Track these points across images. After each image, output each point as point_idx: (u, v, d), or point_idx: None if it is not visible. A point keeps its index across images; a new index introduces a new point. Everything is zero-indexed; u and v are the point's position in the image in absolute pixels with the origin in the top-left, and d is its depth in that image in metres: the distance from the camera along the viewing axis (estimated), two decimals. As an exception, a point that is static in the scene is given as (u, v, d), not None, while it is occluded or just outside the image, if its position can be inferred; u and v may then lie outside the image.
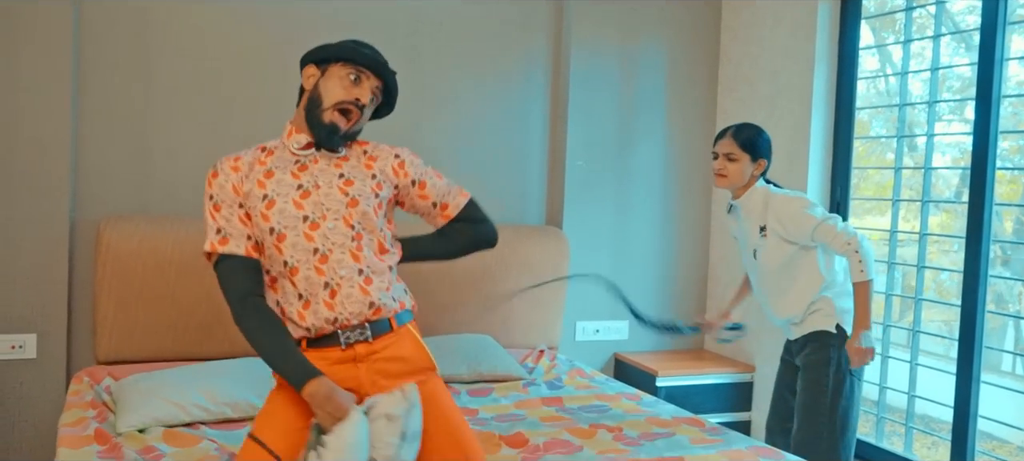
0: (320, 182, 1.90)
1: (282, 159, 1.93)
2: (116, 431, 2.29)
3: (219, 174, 1.92)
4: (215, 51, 3.16)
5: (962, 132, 4.81)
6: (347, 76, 1.90)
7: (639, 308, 3.02)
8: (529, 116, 3.66)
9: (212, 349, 3.06)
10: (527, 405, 2.69)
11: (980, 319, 2.82)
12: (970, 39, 4.77)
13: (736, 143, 2.71)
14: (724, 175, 2.73)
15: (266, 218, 1.86)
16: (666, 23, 3.79)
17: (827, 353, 2.65)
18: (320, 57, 1.93)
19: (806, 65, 3.38)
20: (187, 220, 3.03)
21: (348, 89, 1.89)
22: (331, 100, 1.89)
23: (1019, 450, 4.78)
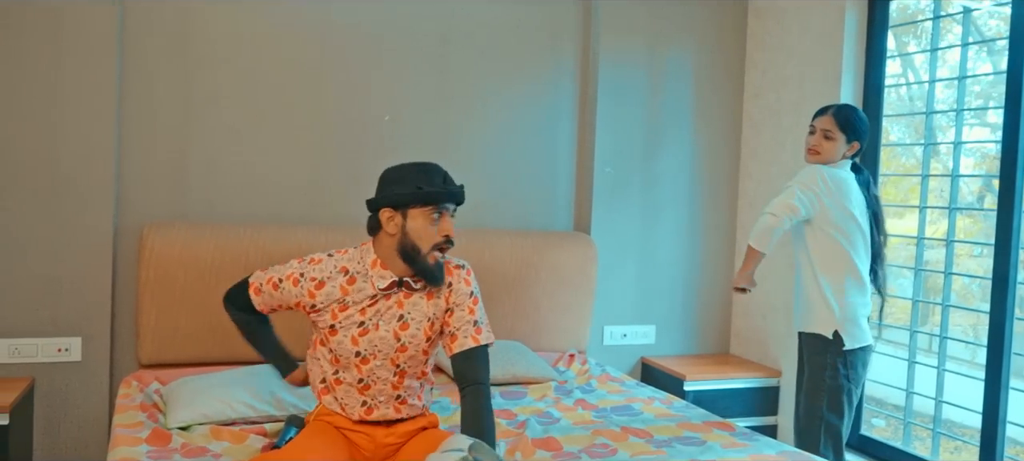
0: (380, 323, 2.08)
1: (359, 293, 2.07)
2: (167, 427, 2.37)
3: (298, 286, 2.11)
4: (253, 60, 3.23)
5: (986, 139, 4.82)
6: (430, 216, 2.01)
7: None
8: (557, 123, 3.71)
9: (251, 353, 3.05)
10: (561, 407, 2.74)
11: (1009, 325, 2.85)
12: (993, 46, 4.78)
13: (836, 122, 2.75)
14: (818, 151, 2.76)
15: (327, 341, 2.12)
16: (692, 30, 3.83)
17: (824, 358, 2.72)
18: (396, 202, 2.01)
19: (833, 72, 3.41)
20: (227, 226, 3.10)
21: (438, 228, 2.03)
22: (428, 245, 2.01)
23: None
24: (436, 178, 2.02)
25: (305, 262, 2.13)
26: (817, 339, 2.72)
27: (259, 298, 2.20)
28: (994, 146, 4.67)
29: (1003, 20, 5.03)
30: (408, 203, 2.00)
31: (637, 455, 2.25)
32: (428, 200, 1.99)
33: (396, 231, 2.02)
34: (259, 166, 3.26)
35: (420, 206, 2.00)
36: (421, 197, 1.99)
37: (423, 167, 2.05)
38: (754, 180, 3.87)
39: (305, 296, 2.09)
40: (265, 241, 3.09)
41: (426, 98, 3.48)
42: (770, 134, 3.76)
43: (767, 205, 2.72)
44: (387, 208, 2.02)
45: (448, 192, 2.01)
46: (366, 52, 3.37)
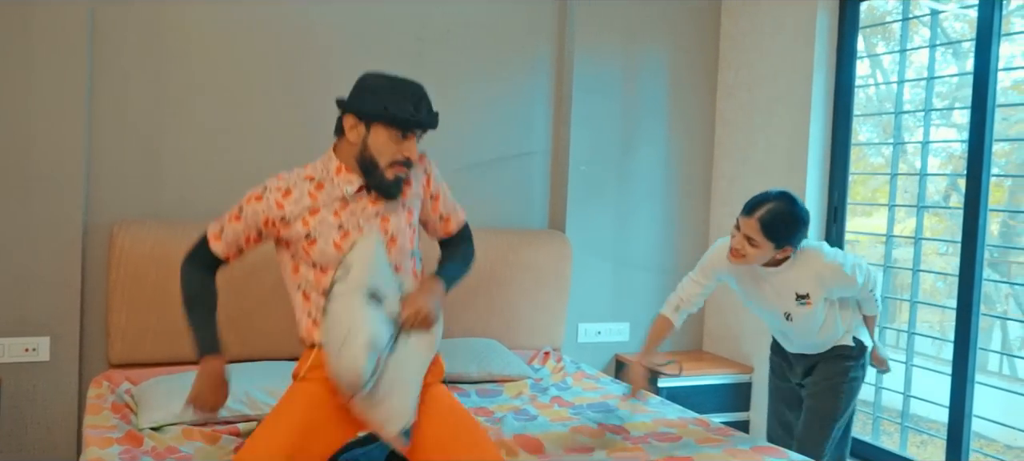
0: (361, 223, 2.00)
1: (329, 196, 2.01)
2: (138, 428, 2.34)
3: (263, 199, 2.02)
4: (227, 57, 3.20)
5: (952, 139, 4.92)
6: (395, 136, 1.95)
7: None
8: (533, 121, 3.72)
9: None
10: (537, 405, 2.75)
11: (975, 321, 2.91)
12: (958, 48, 4.88)
13: (761, 230, 2.44)
14: (742, 255, 2.48)
15: (308, 253, 2.00)
16: (667, 29, 3.86)
17: (846, 364, 2.68)
18: (362, 113, 1.95)
19: (805, 72, 3.46)
20: (200, 224, 3.04)
21: (398, 147, 1.96)
22: (385, 160, 1.96)
23: (1007, 448, 4.89)
24: (408, 103, 1.95)
25: (267, 181, 2.06)
26: (841, 350, 2.68)
27: (220, 243, 2.08)
28: (959, 146, 4.77)
29: (966, 22, 5.14)
30: (373, 118, 1.95)
31: (615, 453, 2.27)
32: (394, 123, 1.94)
33: (357, 141, 1.97)
34: (233, 163, 3.23)
35: (385, 125, 1.94)
36: (387, 118, 1.93)
37: (400, 85, 1.98)
38: (727, 178, 3.91)
39: (272, 208, 2.00)
40: (238, 239, 3.06)
41: (401, 95, 3.46)
42: (743, 133, 3.81)
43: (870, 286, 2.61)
44: (352, 116, 1.97)
45: (417, 121, 1.95)
46: (342, 49, 3.35)
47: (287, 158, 3.27)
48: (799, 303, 2.56)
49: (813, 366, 2.74)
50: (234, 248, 2.10)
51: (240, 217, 2.05)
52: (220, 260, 2.13)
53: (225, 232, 2.08)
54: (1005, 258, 5.12)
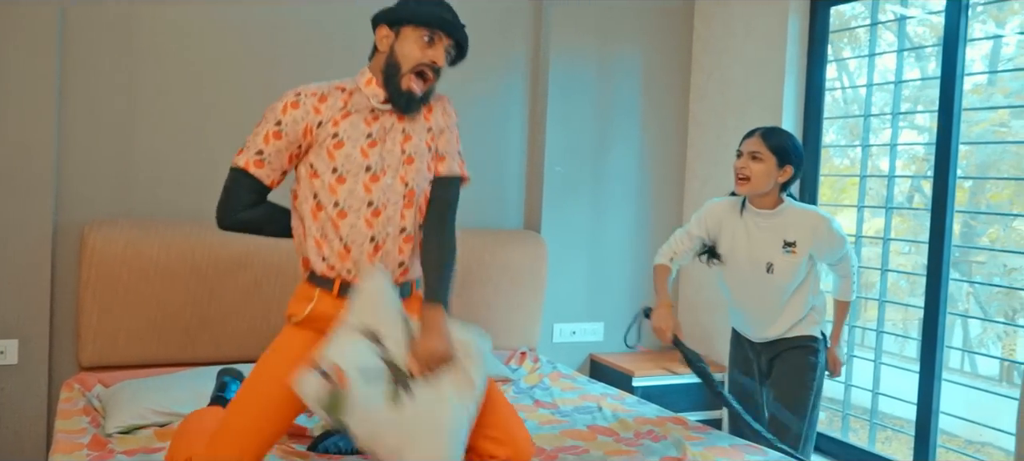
0: (386, 137, 1.97)
1: (359, 104, 1.98)
2: (105, 433, 2.30)
3: (300, 106, 1.93)
4: (201, 55, 3.16)
5: (918, 141, 5.03)
6: (421, 38, 1.94)
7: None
8: (508, 121, 3.73)
9: (197, 353, 3.07)
10: (522, 408, 2.76)
11: (942, 320, 2.98)
12: (920, 52, 5.00)
13: (765, 143, 2.57)
14: (747, 177, 2.58)
15: (331, 156, 1.92)
16: (640, 31, 3.90)
17: (813, 357, 2.70)
18: (392, 18, 1.96)
19: (776, 75, 3.51)
20: (174, 223, 3.03)
21: (424, 51, 1.94)
22: (408, 64, 1.94)
23: (968, 443, 5.03)
24: (434, 5, 1.97)
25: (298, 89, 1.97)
26: (805, 340, 2.70)
27: (265, 168, 1.93)
28: (922, 148, 4.89)
29: (928, 26, 5.27)
30: (401, 22, 1.95)
31: (611, 454, 2.29)
32: (419, 21, 1.93)
33: (385, 49, 1.98)
34: (207, 163, 3.19)
35: (412, 26, 1.94)
36: (412, 15, 1.93)
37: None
38: (700, 179, 3.96)
39: (310, 113, 1.92)
40: (212, 240, 3.03)
41: (377, 95, 3.45)
42: (715, 135, 3.85)
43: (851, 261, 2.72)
44: (384, 25, 1.99)
45: (442, 19, 1.94)
46: (318, 48, 3.33)
47: None
48: (785, 251, 2.61)
49: (779, 355, 2.74)
50: (279, 171, 1.97)
51: (280, 133, 1.92)
52: (266, 191, 1.98)
53: (267, 155, 1.93)
54: (966, 258, 5.26)
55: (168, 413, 2.37)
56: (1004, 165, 5.06)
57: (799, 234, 2.60)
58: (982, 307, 5.73)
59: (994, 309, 5.46)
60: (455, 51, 2.03)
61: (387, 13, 1.98)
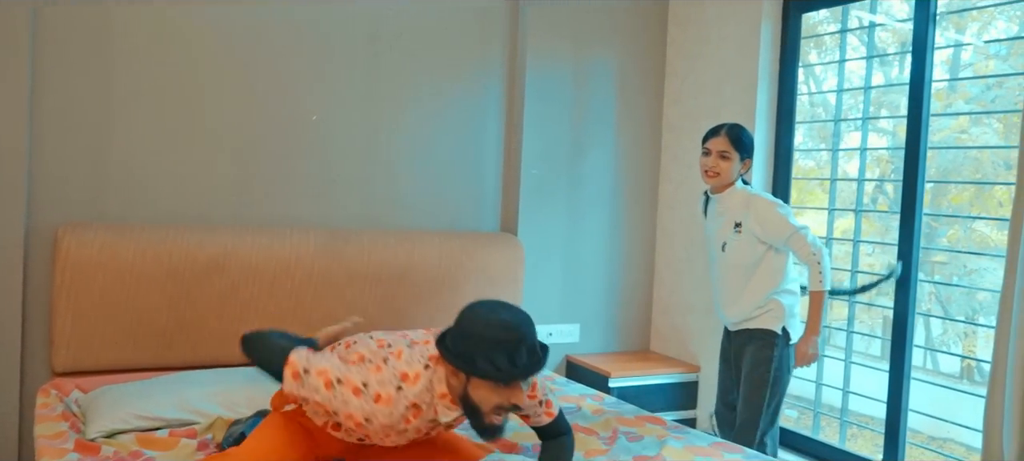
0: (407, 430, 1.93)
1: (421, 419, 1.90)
2: (87, 438, 2.27)
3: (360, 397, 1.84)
4: (176, 57, 3.12)
5: (884, 146, 5.15)
6: (495, 388, 1.81)
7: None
8: (485, 124, 3.74)
9: (173, 358, 3.04)
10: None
11: (911, 320, 3.06)
12: (884, 58, 5.12)
13: (730, 141, 2.81)
14: (717, 173, 2.82)
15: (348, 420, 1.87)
16: (615, 36, 3.94)
17: (770, 352, 2.83)
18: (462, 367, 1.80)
19: (750, 81, 3.57)
20: (149, 227, 2.99)
21: (501, 397, 1.81)
22: (489, 407, 1.82)
23: (931, 439, 5.15)
24: (504, 355, 1.77)
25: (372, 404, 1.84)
26: (766, 334, 2.82)
27: (297, 383, 1.86)
28: (887, 151, 4.99)
29: (891, 32, 5.38)
30: (471, 374, 1.80)
31: (591, 454, 2.31)
32: (490, 378, 1.78)
33: (459, 385, 1.84)
34: (182, 165, 3.17)
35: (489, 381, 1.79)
36: (483, 371, 1.77)
37: (503, 332, 1.78)
38: (673, 183, 4.01)
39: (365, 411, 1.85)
40: (189, 243, 3.00)
41: (355, 97, 3.45)
42: (689, 138, 3.91)
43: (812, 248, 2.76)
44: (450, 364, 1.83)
45: (512, 375, 1.78)
46: (294, 50, 3.31)
47: (237, 159, 3.24)
48: (735, 231, 2.85)
49: (744, 347, 2.90)
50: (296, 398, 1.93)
51: (331, 388, 1.83)
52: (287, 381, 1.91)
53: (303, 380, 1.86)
54: (928, 258, 5.38)
55: (151, 418, 2.35)
56: (965, 170, 5.19)
57: (743, 215, 2.82)
58: (943, 306, 5.87)
59: (954, 309, 5.59)
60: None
61: (451, 356, 1.81)
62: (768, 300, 2.85)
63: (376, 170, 3.52)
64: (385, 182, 3.53)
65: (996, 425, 2.59)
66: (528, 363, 1.80)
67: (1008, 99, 5.00)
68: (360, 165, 3.49)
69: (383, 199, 3.53)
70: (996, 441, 2.59)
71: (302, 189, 3.38)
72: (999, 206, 5.19)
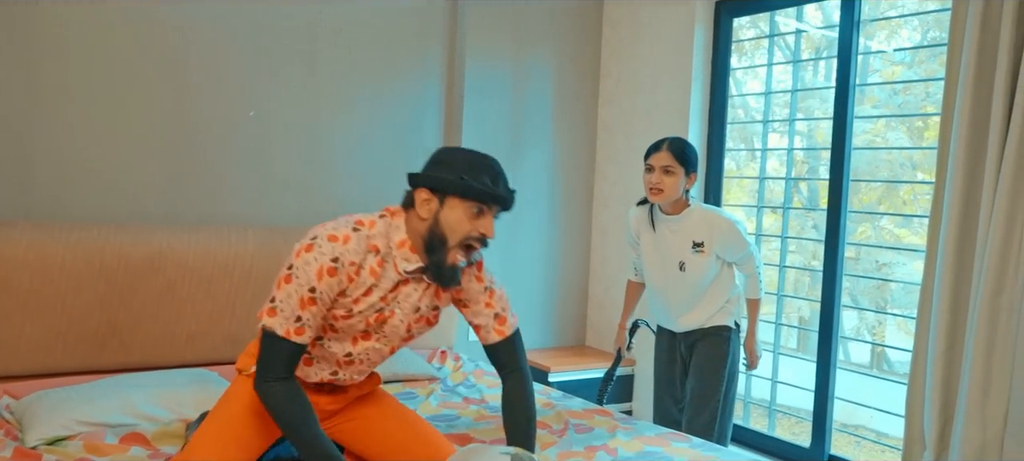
0: (396, 309, 1.91)
1: (387, 277, 1.86)
2: (27, 446, 2.17)
3: (337, 275, 1.80)
4: (107, 51, 3.01)
5: (798, 146, 5.37)
6: (470, 209, 1.80)
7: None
8: (424, 122, 3.74)
9: (106, 362, 2.93)
10: (454, 406, 2.79)
11: (837, 313, 3.22)
12: (800, 63, 5.34)
13: (673, 155, 2.73)
14: (661, 189, 2.73)
15: (336, 319, 1.87)
16: (552, 36, 3.99)
17: (726, 346, 2.87)
18: (438, 186, 1.79)
19: (684, 83, 3.68)
20: (79, 226, 2.87)
21: (474, 222, 1.81)
22: (457, 238, 1.81)
23: (843, 425, 5.41)
24: (486, 175, 1.80)
25: (329, 244, 1.79)
26: (721, 330, 2.87)
27: (304, 335, 1.81)
28: (802, 152, 5.22)
29: (805, 37, 5.63)
30: (449, 191, 1.79)
31: (547, 446, 2.35)
32: (470, 195, 1.78)
33: (429, 216, 1.82)
34: (114, 162, 3.05)
35: (461, 198, 1.79)
36: (463, 189, 1.77)
37: (478, 158, 1.83)
38: (609, 181, 4.10)
39: (345, 282, 1.81)
40: (123, 241, 2.89)
41: (293, 94, 3.40)
42: (624, 138, 4.00)
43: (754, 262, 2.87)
44: (426, 189, 1.81)
45: (494, 194, 1.79)
46: (231, 45, 3.24)
47: (171, 155, 3.14)
48: (694, 251, 2.80)
49: (696, 344, 2.91)
50: (315, 333, 1.87)
51: (315, 300, 1.79)
52: (303, 353, 1.87)
53: (306, 321, 1.81)
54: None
55: (94, 424, 2.26)
56: (880, 171, 5.47)
57: (706, 234, 2.80)
58: (853, 298, 6.19)
59: (866, 301, 5.89)
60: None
61: (432, 179, 1.80)
62: (724, 303, 2.89)
63: (315, 167, 3.47)
64: (324, 179, 3.49)
65: (917, 409, 2.76)
66: (506, 189, 1.83)
67: (914, 104, 5.31)
68: (299, 162, 3.43)
69: (322, 197, 3.48)
70: (917, 424, 2.76)
71: (240, 186, 3.31)
72: (904, 204, 5.50)
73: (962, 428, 2.52)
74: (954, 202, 2.62)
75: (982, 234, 2.55)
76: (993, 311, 2.49)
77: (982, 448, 2.50)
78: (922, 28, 5.53)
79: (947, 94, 2.68)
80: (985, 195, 2.54)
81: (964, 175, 2.60)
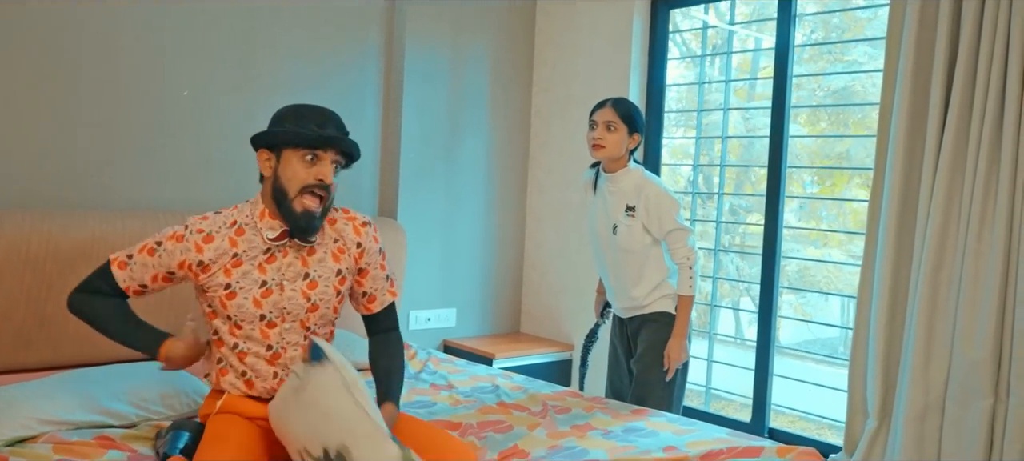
0: (284, 282, 1.95)
1: (252, 245, 1.93)
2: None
3: (183, 240, 1.93)
4: (28, 24, 2.76)
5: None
6: (303, 158, 1.87)
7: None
8: (362, 108, 3.64)
9: (31, 359, 2.70)
10: (423, 393, 2.73)
11: (775, 295, 3.37)
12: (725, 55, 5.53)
13: (617, 113, 2.75)
14: (602, 145, 2.75)
15: (224, 306, 1.93)
16: (487, 23, 3.97)
17: (668, 332, 2.84)
18: (271, 142, 1.89)
19: (622, 72, 3.75)
20: (2, 212, 2.62)
21: (308, 171, 1.87)
22: (295, 188, 1.87)
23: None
24: (314, 122, 1.88)
25: (188, 221, 1.97)
26: (662, 316, 2.84)
27: (124, 272, 1.96)
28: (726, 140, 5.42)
29: (715, 31, 5.85)
30: (280, 144, 1.87)
31: (533, 428, 2.34)
32: (300, 143, 1.85)
33: (270, 173, 1.92)
34: (39, 143, 2.81)
35: (292, 148, 1.87)
36: (293, 138, 1.85)
37: (306, 108, 1.92)
38: (544, 169, 4.12)
39: (191, 251, 1.91)
40: (52, 229, 2.66)
41: (228, 74, 3.23)
42: (559, 126, 4.03)
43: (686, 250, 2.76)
44: (264, 149, 1.92)
45: (322, 137, 1.85)
46: (166, 24, 3.04)
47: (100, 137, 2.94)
48: (627, 214, 2.80)
49: (639, 330, 2.90)
50: (137, 282, 1.98)
51: (155, 252, 1.94)
52: (119, 291, 1.99)
53: (132, 262, 1.97)
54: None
55: (57, 422, 2.06)
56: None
57: (636, 199, 2.80)
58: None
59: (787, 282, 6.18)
60: (344, 159, 1.96)
61: (264, 136, 1.90)
62: (662, 283, 2.86)
63: (251, 149, 3.30)
64: (263, 164, 3.33)
65: (859, 380, 2.93)
66: (337, 131, 1.90)
67: (808, 98, 5.60)
68: (235, 145, 3.25)
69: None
70: (859, 394, 2.93)
71: (173, 170, 3.12)
72: (803, 190, 5.80)
73: (907, 392, 2.70)
74: (894, 188, 2.79)
75: (921, 217, 2.74)
76: (934, 286, 2.68)
77: (924, 410, 2.68)
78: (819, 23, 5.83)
79: (886, 83, 2.86)
80: (924, 185, 2.73)
81: (903, 161, 2.78)
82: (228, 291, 1.92)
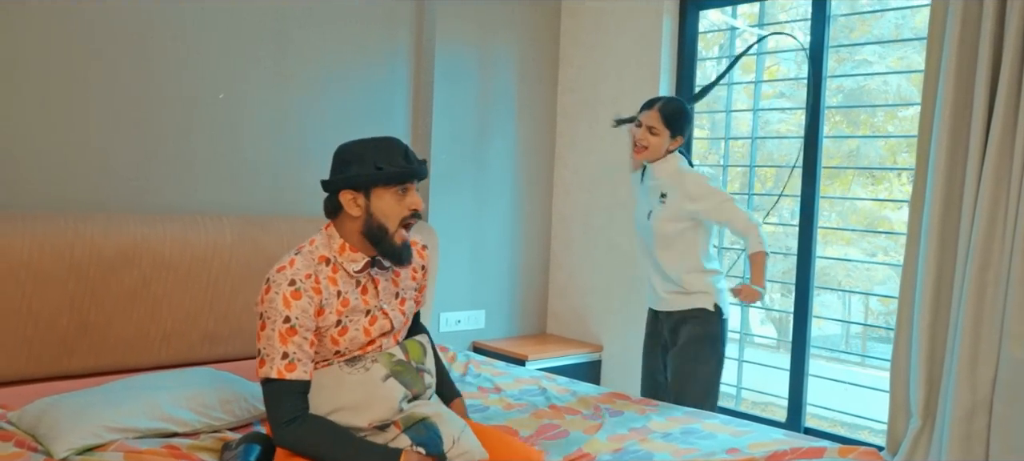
0: (384, 307, 2.01)
1: (345, 279, 1.95)
2: (58, 457, 1.94)
3: (302, 296, 1.85)
4: (68, 26, 2.73)
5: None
6: (395, 192, 1.90)
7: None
8: (392, 109, 3.62)
9: (74, 365, 2.67)
10: (473, 397, 2.72)
11: (810, 296, 3.37)
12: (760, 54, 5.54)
13: (661, 117, 2.85)
14: (645, 147, 2.87)
15: (336, 342, 1.93)
16: (514, 23, 3.96)
17: (706, 329, 2.89)
18: (358, 184, 1.89)
19: (652, 73, 3.74)
20: (44, 216, 2.59)
21: (401, 203, 1.91)
22: (395, 223, 1.91)
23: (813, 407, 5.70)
24: (396, 155, 1.91)
25: (280, 274, 1.86)
26: (702, 313, 2.89)
27: (296, 370, 1.83)
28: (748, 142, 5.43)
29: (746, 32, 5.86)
30: (371, 184, 1.88)
31: (589, 431, 2.33)
32: (392, 180, 1.88)
33: (360, 213, 1.91)
34: (78, 147, 2.78)
35: (384, 186, 1.89)
36: (383, 177, 1.87)
37: (384, 143, 1.93)
38: (570, 169, 4.11)
39: (313, 296, 1.87)
40: (93, 232, 2.63)
41: (263, 76, 3.20)
42: (586, 126, 4.02)
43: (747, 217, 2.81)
44: (348, 190, 1.90)
45: (411, 170, 1.91)
46: (200, 25, 3.01)
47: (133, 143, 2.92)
48: (660, 202, 2.90)
49: (678, 326, 2.93)
50: (307, 364, 1.87)
51: (295, 328, 1.83)
52: (307, 388, 1.88)
53: (295, 356, 1.83)
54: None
55: (124, 429, 2.04)
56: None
57: (670, 187, 2.89)
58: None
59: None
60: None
61: (350, 180, 1.89)
62: (692, 278, 2.89)
63: (287, 153, 3.29)
64: (297, 166, 3.32)
65: (902, 381, 2.94)
66: (419, 162, 1.95)
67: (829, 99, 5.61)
68: (269, 146, 3.25)
69: (295, 184, 3.31)
70: (902, 394, 2.94)
71: (210, 172, 3.09)
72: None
73: (953, 392, 2.71)
74: (937, 187, 2.79)
75: (966, 218, 2.74)
76: (981, 285, 2.69)
77: (972, 409, 2.69)
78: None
79: (927, 83, 2.86)
80: (968, 185, 2.73)
81: (947, 161, 2.78)
82: (340, 327, 1.93)
